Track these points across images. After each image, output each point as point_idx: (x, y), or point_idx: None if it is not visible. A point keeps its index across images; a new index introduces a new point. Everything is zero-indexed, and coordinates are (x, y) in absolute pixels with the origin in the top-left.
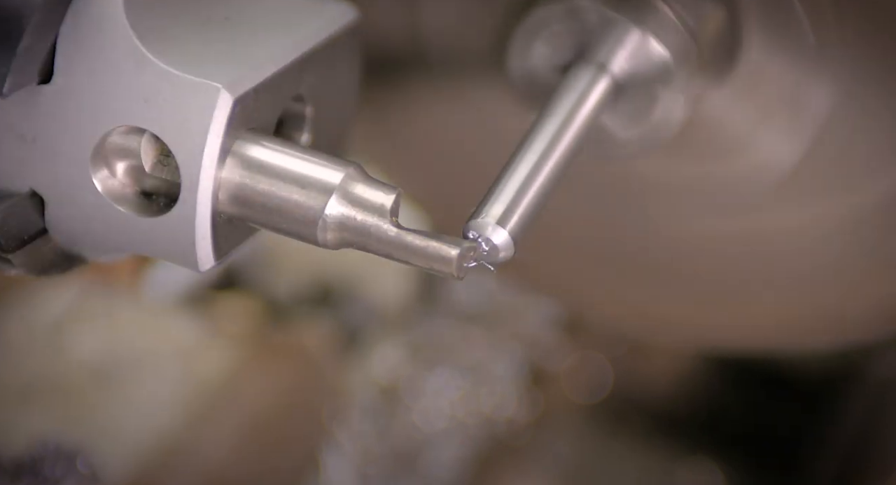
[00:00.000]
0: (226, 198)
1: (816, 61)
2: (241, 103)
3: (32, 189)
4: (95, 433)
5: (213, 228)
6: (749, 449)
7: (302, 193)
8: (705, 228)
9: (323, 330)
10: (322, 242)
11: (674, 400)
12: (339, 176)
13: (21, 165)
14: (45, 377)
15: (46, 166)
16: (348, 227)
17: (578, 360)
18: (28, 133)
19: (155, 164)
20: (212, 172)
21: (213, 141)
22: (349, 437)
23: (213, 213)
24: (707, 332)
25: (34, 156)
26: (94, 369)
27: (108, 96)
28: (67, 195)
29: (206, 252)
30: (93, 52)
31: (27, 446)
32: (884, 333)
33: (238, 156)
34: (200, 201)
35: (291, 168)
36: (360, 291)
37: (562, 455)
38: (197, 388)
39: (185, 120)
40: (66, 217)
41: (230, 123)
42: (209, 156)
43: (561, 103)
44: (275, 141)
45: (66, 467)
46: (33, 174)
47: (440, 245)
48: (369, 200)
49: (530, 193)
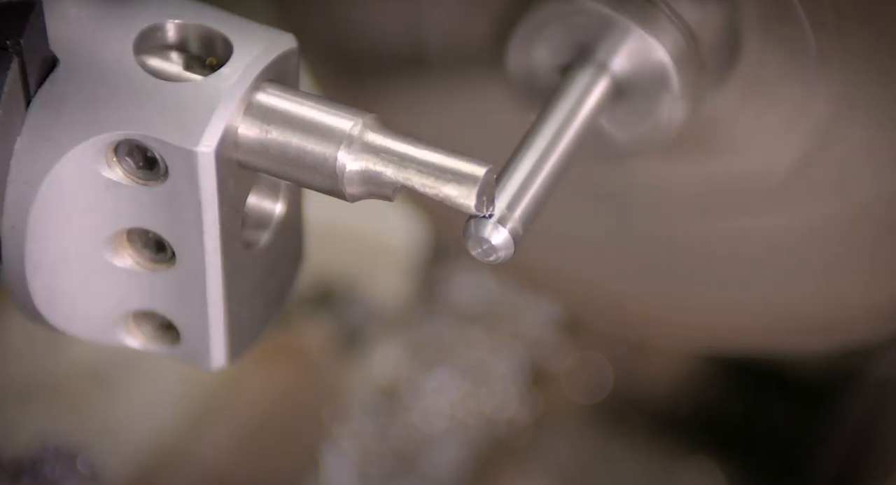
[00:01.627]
0: (245, 148)
1: (817, 63)
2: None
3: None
4: (95, 433)
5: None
6: (749, 449)
7: (317, 135)
8: (705, 228)
9: (323, 330)
10: (340, 172)
11: (674, 400)
12: (358, 120)
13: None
14: (45, 377)
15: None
16: (371, 151)
17: (578, 360)
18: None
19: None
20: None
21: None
22: (349, 437)
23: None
24: (707, 332)
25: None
26: (94, 369)
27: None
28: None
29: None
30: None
31: (27, 446)
32: (884, 333)
33: (256, 105)
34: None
35: (309, 116)
36: (360, 291)
37: (562, 455)
38: (197, 388)
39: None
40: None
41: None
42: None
43: (561, 103)
44: (291, 91)
45: (66, 467)
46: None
47: (466, 163)
48: (391, 139)
49: (530, 193)
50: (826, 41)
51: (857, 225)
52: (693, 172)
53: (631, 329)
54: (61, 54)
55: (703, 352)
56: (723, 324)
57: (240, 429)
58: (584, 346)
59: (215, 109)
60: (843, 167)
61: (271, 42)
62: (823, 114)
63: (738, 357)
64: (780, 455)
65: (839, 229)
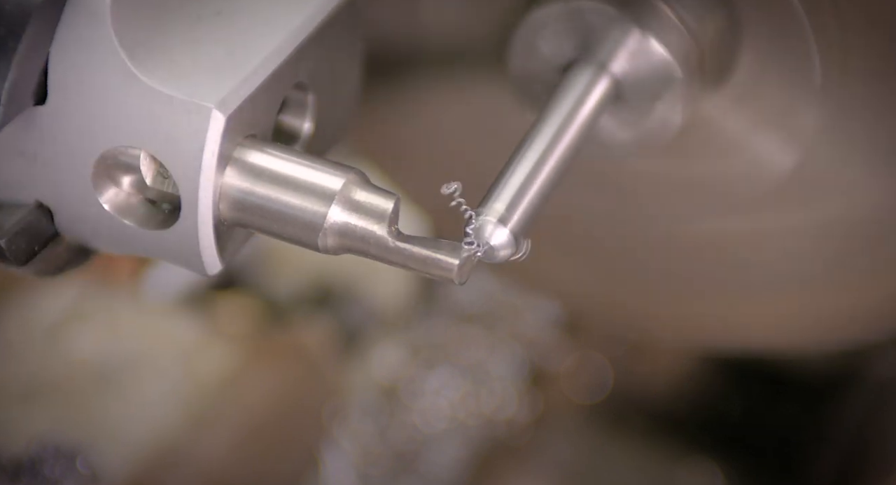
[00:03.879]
0: (227, 206)
1: (816, 62)
2: (234, 118)
3: (38, 201)
4: (95, 433)
5: (216, 237)
6: (749, 449)
7: (303, 199)
8: (705, 229)
9: (323, 330)
10: (323, 248)
11: (674, 400)
12: (340, 182)
13: (25, 180)
14: (45, 377)
15: (50, 181)
16: (348, 234)
17: (578, 360)
18: (29, 151)
19: (155, 177)
20: (210, 189)
21: (208, 160)
22: (349, 437)
23: (215, 223)
24: (707, 332)
25: (37, 172)
26: (94, 369)
27: (101, 117)
28: (73, 208)
29: (212, 259)
30: (84, 72)
31: (27, 446)
32: (884, 333)
33: (238, 163)
34: (201, 214)
35: (292, 174)
36: (360, 291)
37: (562, 455)
38: (197, 388)
39: (178, 140)
40: (74, 227)
41: (224, 139)
42: (206, 174)
43: (561, 103)
44: (275, 147)
45: (66, 467)
46: (38, 188)
47: (440, 256)
48: (369, 206)
49: (531, 193)
50: (825, 41)
51: (857, 225)
52: (693, 172)
53: (631, 329)
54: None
55: (703, 352)
56: (723, 324)
57: (240, 429)
58: (584, 346)
59: (200, 250)
60: (842, 167)
61: (199, 148)
62: (823, 114)
63: (738, 357)
64: (780, 455)
65: (839, 229)
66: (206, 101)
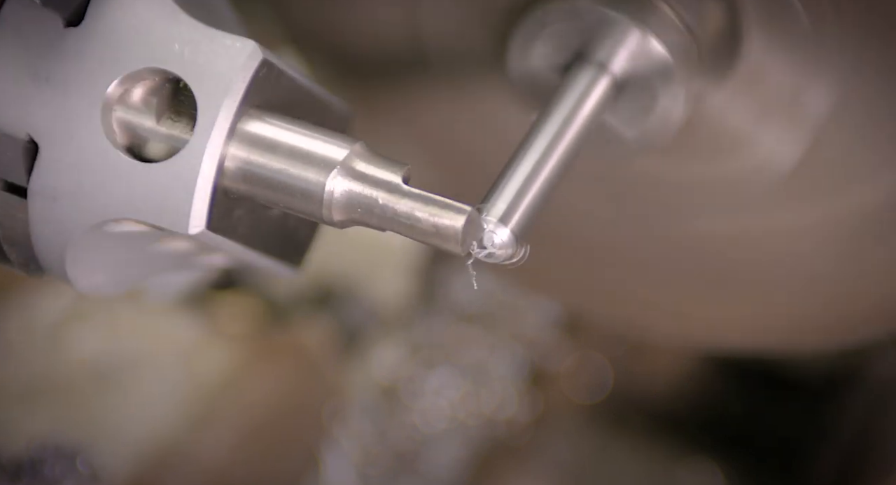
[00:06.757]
0: (232, 174)
1: (816, 60)
2: (265, 67)
3: (29, 135)
4: (95, 433)
5: (213, 189)
6: (749, 449)
7: (305, 168)
8: (705, 228)
9: (323, 330)
10: (328, 219)
11: (674, 400)
12: (344, 152)
13: (25, 106)
14: (45, 377)
15: (53, 105)
16: (353, 202)
17: (578, 360)
18: (42, 72)
19: (165, 118)
20: (227, 122)
21: (238, 88)
22: (349, 437)
23: (217, 170)
24: (707, 332)
25: (43, 95)
26: (94, 369)
27: (136, 40)
28: (66, 141)
29: (200, 211)
30: (127, 3)
31: (27, 446)
32: (884, 333)
33: (243, 133)
34: (209, 150)
35: (296, 144)
36: (360, 291)
37: (562, 455)
38: (197, 388)
39: (212, 66)
40: (59, 167)
41: (255, 78)
42: (229, 104)
43: (561, 103)
44: (280, 118)
45: (66, 467)
46: (35, 116)
47: (449, 205)
48: (376, 176)
49: (532, 192)
50: (825, 37)
51: (857, 224)
52: (692, 171)
53: (631, 329)
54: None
55: (703, 352)
56: (722, 324)
57: (240, 429)
58: (584, 346)
59: (194, 191)
60: (842, 166)
61: (232, 79)
62: (823, 112)
63: (738, 357)
64: (780, 455)
65: (839, 229)
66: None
